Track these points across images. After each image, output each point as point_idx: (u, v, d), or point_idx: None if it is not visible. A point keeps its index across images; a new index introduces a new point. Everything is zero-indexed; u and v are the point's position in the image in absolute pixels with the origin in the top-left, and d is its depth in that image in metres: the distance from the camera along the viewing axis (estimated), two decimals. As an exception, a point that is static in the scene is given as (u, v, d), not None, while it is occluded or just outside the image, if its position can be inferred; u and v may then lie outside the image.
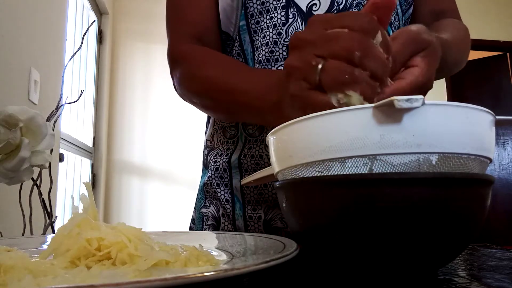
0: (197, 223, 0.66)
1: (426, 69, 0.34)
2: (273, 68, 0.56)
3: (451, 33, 0.53)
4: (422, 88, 0.34)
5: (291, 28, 0.55)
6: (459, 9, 0.67)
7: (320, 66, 0.31)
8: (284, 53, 0.56)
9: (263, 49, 0.56)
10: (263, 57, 0.56)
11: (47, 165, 0.52)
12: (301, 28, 0.55)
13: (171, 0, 0.63)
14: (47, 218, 0.60)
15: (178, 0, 0.62)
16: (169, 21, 0.63)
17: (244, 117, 0.54)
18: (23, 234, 0.59)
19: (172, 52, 0.60)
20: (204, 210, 0.64)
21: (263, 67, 0.57)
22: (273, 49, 0.56)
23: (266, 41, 0.56)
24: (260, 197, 0.58)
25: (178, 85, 0.58)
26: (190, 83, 0.56)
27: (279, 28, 0.55)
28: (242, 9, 0.57)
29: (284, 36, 0.55)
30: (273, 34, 0.56)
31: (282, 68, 0.56)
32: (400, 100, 0.24)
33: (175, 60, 0.59)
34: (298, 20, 0.55)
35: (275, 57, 0.56)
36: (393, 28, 0.59)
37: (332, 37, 0.32)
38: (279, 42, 0.56)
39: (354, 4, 0.56)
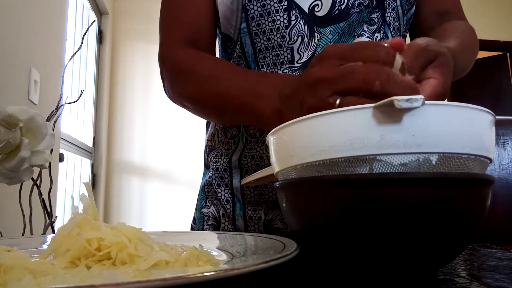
0: (198, 223, 0.66)
1: (443, 79, 0.34)
2: (279, 71, 0.56)
3: (459, 38, 0.52)
4: (442, 99, 0.34)
5: (294, 30, 0.55)
6: (459, 9, 0.66)
7: (337, 102, 0.32)
8: (289, 56, 0.56)
9: (270, 52, 0.56)
10: (270, 60, 0.56)
11: (47, 165, 0.52)
12: (303, 30, 0.55)
13: (166, 1, 0.63)
14: (47, 218, 0.60)
15: (173, 1, 0.61)
16: (162, 22, 0.62)
17: (238, 121, 0.54)
18: (23, 234, 0.59)
19: (163, 55, 0.60)
20: (204, 210, 0.64)
21: (270, 70, 0.57)
22: (278, 52, 0.56)
23: (272, 44, 0.56)
24: (261, 198, 0.58)
25: (168, 88, 0.58)
26: (181, 87, 0.56)
27: (283, 31, 0.55)
28: (243, 12, 0.57)
29: (288, 39, 0.55)
30: (277, 38, 0.56)
31: (286, 71, 0.56)
32: (400, 100, 0.24)
33: (165, 62, 0.59)
34: (301, 22, 0.55)
35: (281, 60, 0.56)
36: (391, 28, 0.59)
37: (347, 72, 0.32)
38: (283, 45, 0.56)
39: (356, 4, 0.55)
